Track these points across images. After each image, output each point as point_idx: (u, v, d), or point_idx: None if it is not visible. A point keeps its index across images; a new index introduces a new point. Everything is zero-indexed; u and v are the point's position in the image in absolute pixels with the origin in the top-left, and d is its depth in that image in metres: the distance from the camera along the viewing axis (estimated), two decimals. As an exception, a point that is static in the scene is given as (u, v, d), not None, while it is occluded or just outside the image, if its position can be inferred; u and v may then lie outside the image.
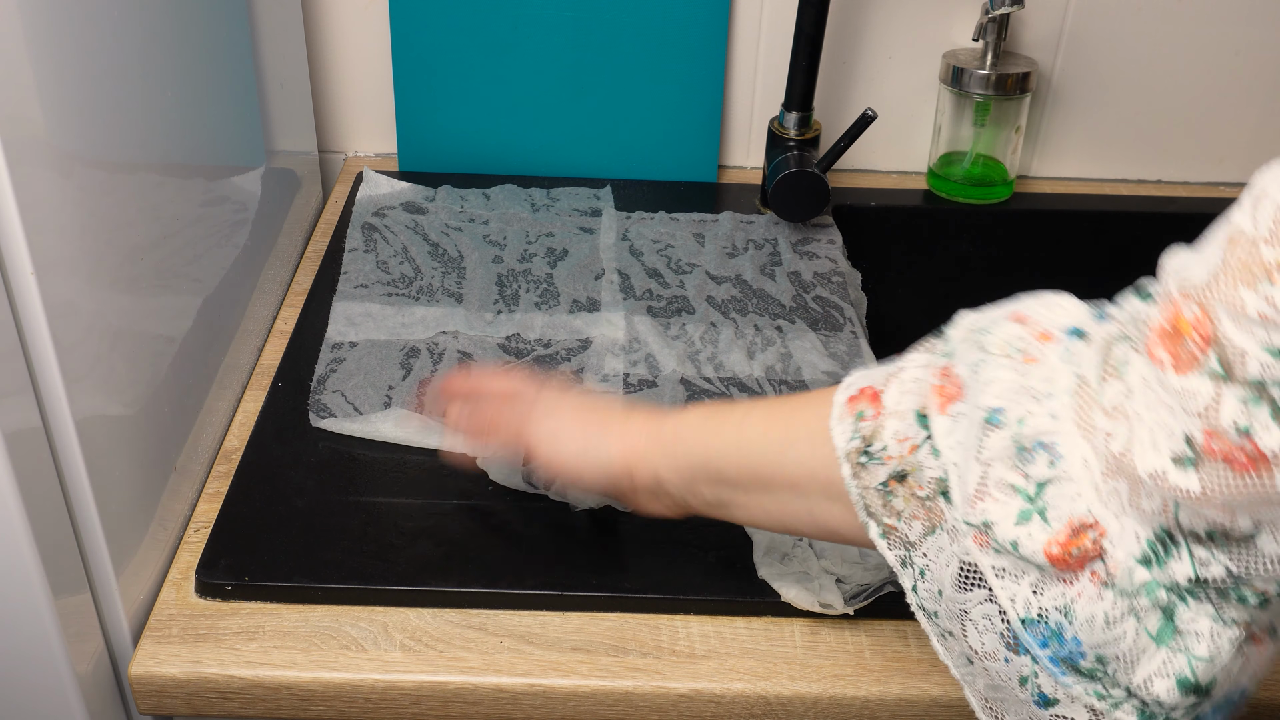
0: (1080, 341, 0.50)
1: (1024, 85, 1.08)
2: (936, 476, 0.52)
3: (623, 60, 1.10)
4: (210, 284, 0.84)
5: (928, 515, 0.53)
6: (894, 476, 0.54)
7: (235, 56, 0.91)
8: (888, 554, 0.55)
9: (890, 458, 0.54)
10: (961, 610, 0.51)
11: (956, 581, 0.51)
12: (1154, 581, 0.46)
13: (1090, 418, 0.47)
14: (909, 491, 0.53)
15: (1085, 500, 0.47)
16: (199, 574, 0.72)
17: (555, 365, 0.89)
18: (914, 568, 0.54)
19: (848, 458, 0.56)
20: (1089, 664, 0.48)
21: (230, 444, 0.84)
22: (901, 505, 0.54)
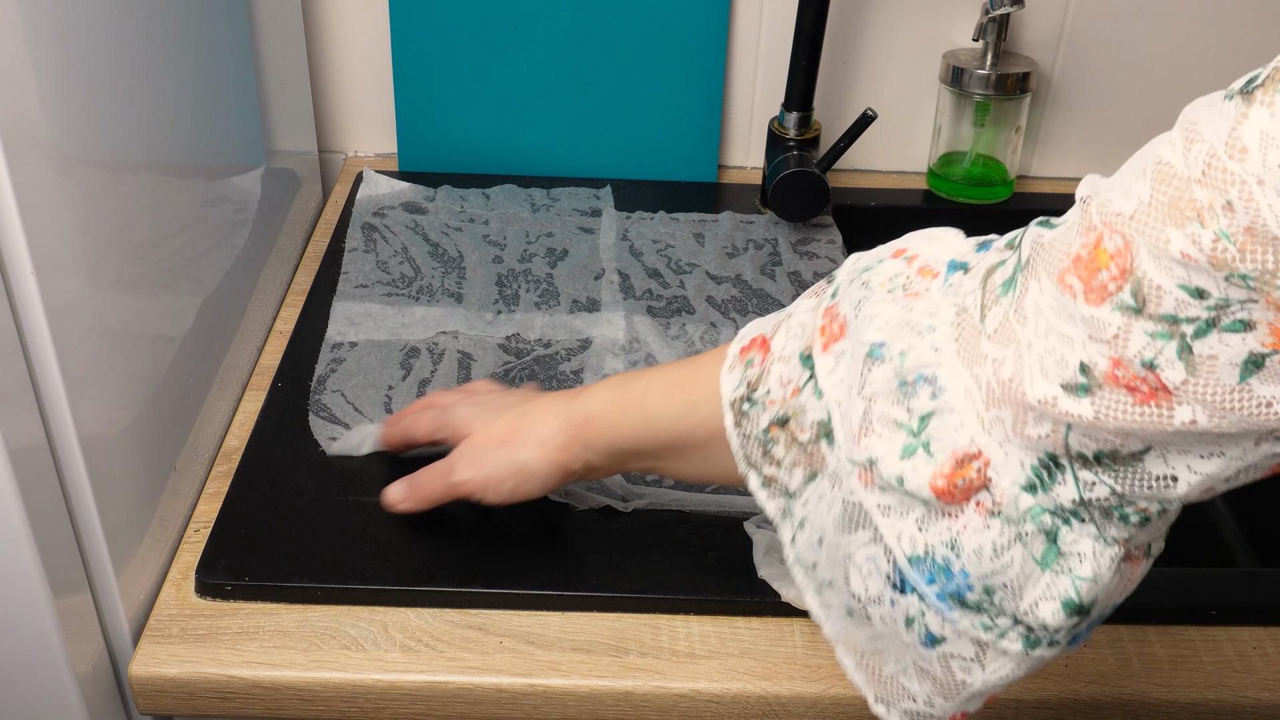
0: (961, 273, 0.49)
1: (1024, 85, 1.08)
2: (819, 419, 0.52)
3: (623, 60, 1.10)
4: (210, 284, 0.84)
5: (809, 461, 0.52)
6: (776, 421, 0.54)
7: (235, 56, 0.91)
8: (767, 505, 0.55)
9: (773, 402, 0.54)
10: (845, 555, 0.51)
11: (840, 524, 0.50)
12: (1038, 506, 0.46)
13: (975, 346, 0.47)
14: (790, 437, 0.53)
15: (968, 431, 0.46)
16: (199, 574, 0.72)
17: (555, 365, 0.89)
18: (793, 518, 0.53)
19: (731, 406, 0.56)
20: (976, 596, 0.48)
21: (230, 444, 0.84)
22: (782, 453, 0.53)
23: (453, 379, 0.87)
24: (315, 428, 0.81)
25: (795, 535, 0.54)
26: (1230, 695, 0.69)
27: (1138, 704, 0.69)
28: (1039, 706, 0.69)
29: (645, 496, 0.78)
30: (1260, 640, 0.71)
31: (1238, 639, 0.71)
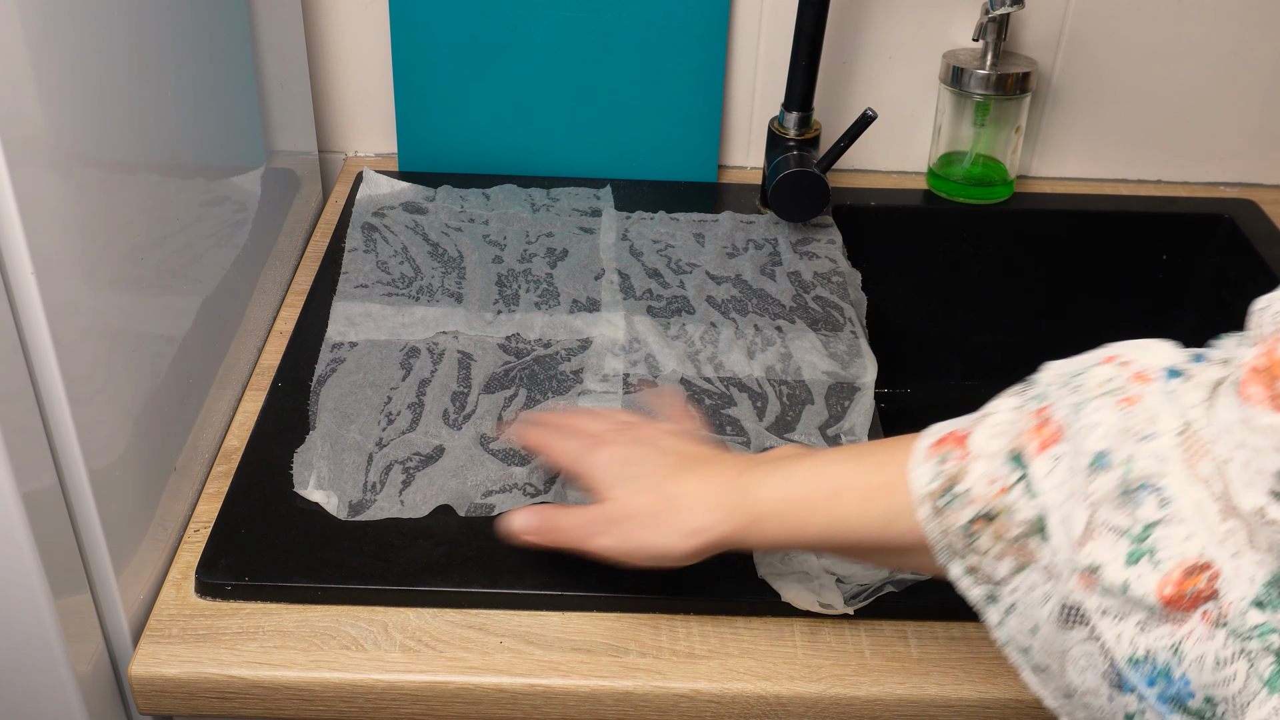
0: (1179, 381, 0.50)
1: (1024, 85, 1.08)
2: (1030, 518, 0.52)
3: (623, 60, 1.10)
4: (210, 284, 0.84)
5: (1018, 554, 0.53)
6: (980, 517, 0.54)
7: (235, 56, 0.91)
8: (971, 591, 0.55)
9: (975, 499, 0.54)
10: (1062, 649, 0.51)
11: (1056, 621, 0.51)
12: (1267, 624, 0.46)
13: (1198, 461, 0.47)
14: (995, 532, 0.53)
15: (1198, 541, 0.47)
16: (199, 574, 0.72)
17: (555, 365, 0.89)
18: (1000, 604, 0.54)
19: (928, 498, 0.56)
20: (1197, 704, 0.48)
21: (230, 444, 0.84)
22: (987, 544, 0.54)
23: (453, 379, 0.87)
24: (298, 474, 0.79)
25: (1004, 619, 0.54)
26: (1230, 695, 0.69)
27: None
28: (1039, 706, 0.68)
29: (645, 496, 0.78)
30: (1260, 640, 0.71)
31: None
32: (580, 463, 0.70)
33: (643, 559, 0.66)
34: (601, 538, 0.66)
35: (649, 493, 0.66)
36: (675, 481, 0.65)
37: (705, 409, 0.86)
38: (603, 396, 0.86)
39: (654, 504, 0.65)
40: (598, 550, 0.67)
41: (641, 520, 0.65)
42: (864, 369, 0.91)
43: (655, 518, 0.65)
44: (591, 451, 0.69)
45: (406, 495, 0.77)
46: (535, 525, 0.69)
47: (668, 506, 0.65)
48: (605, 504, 0.67)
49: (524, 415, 0.80)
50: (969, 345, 1.18)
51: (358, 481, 0.78)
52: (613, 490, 0.67)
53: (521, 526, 0.70)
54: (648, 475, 0.66)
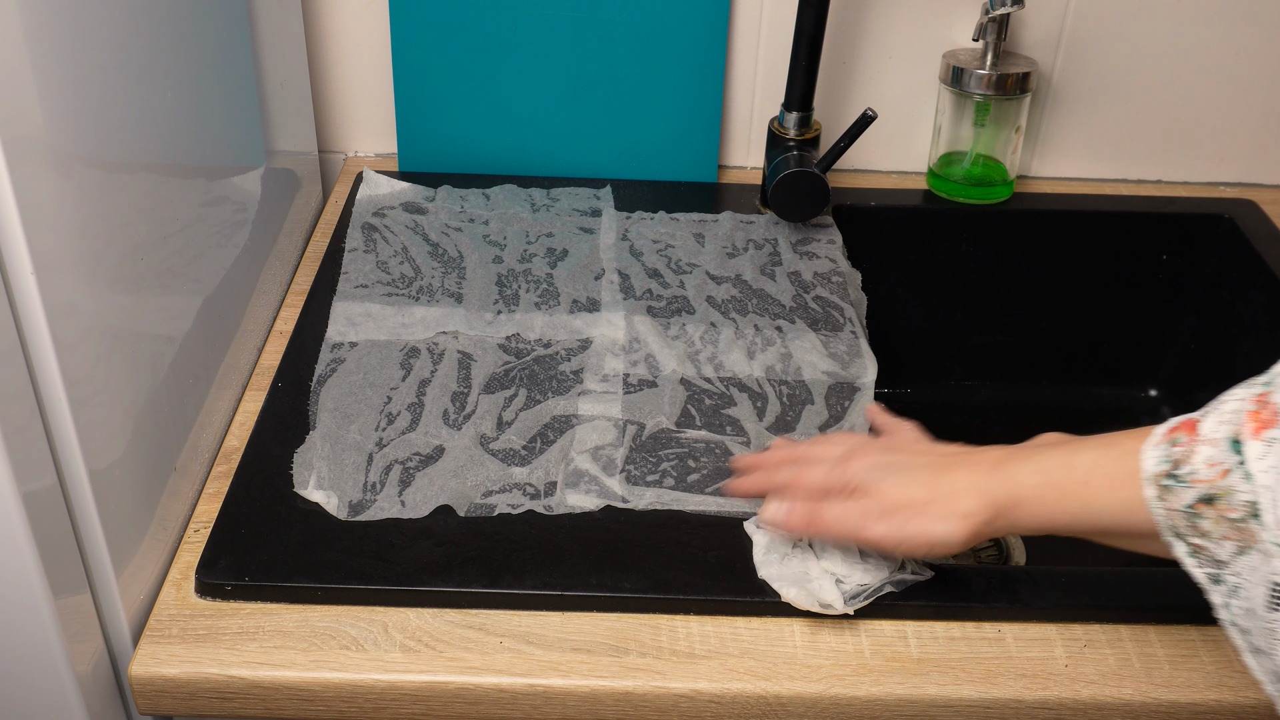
0: None
1: (1024, 85, 1.08)
2: (1248, 500, 0.53)
3: (623, 60, 1.10)
4: (210, 284, 0.84)
5: (1240, 536, 0.54)
6: (1202, 499, 0.56)
7: (235, 56, 0.91)
8: (1195, 571, 0.57)
9: (1198, 481, 0.56)
10: (1269, 629, 0.52)
11: (1268, 601, 0.52)
12: None
13: None
14: (1218, 514, 0.55)
15: None
16: (199, 574, 0.72)
17: (555, 365, 0.89)
18: (1225, 585, 0.55)
19: (1153, 480, 0.58)
20: None
21: (230, 444, 0.84)
22: (1210, 527, 0.56)
23: (453, 379, 0.87)
24: (298, 474, 0.79)
25: (1228, 601, 0.56)
26: (1230, 695, 0.69)
27: (1138, 704, 0.69)
28: (1039, 706, 0.69)
29: (646, 497, 0.78)
30: (1260, 640, 0.71)
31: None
32: (832, 476, 0.72)
33: (915, 546, 0.68)
34: (875, 527, 0.68)
35: (917, 485, 0.68)
36: (941, 474, 0.68)
37: (705, 409, 0.86)
38: (603, 397, 0.86)
39: (925, 495, 0.68)
40: (871, 540, 0.69)
41: (913, 510, 0.68)
42: (864, 369, 0.91)
43: (927, 507, 0.67)
44: (844, 464, 0.72)
45: (406, 495, 0.77)
46: (800, 514, 0.71)
47: (938, 496, 0.67)
48: (874, 497, 0.69)
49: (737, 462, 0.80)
50: (969, 345, 1.18)
51: (358, 481, 0.78)
52: (880, 486, 0.69)
53: (779, 517, 0.72)
54: (912, 471, 0.69)
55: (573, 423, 0.84)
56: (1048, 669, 0.70)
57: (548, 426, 0.83)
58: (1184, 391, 1.17)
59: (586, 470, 0.80)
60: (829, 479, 0.72)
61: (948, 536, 0.66)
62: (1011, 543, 1.03)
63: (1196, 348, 1.15)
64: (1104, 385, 1.20)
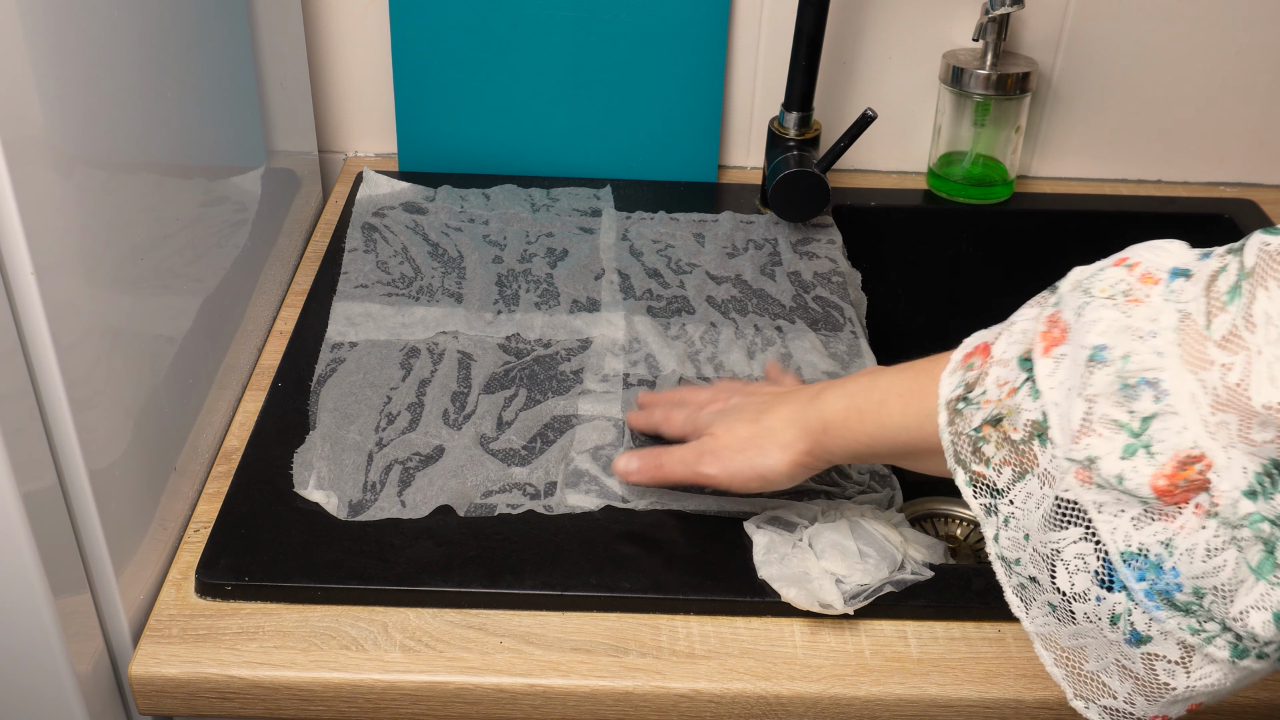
0: (1183, 280, 0.51)
1: (1024, 85, 1.08)
2: (1034, 419, 0.53)
3: (623, 60, 1.10)
4: (210, 284, 0.84)
5: (1019, 460, 0.54)
6: (988, 420, 0.56)
7: (235, 56, 0.91)
8: (972, 501, 0.57)
9: (988, 401, 0.56)
10: (1053, 550, 0.52)
11: (1050, 521, 0.52)
12: (1258, 514, 0.47)
13: (1201, 352, 0.48)
14: (1001, 435, 0.55)
15: (1192, 433, 0.48)
16: (199, 574, 0.72)
17: (555, 365, 0.89)
18: (998, 515, 0.55)
19: (946, 405, 0.58)
20: (1185, 597, 0.49)
21: (230, 444, 0.84)
22: (992, 451, 0.55)
23: (453, 379, 0.87)
24: (298, 474, 0.79)
25: (998, 533, 0.55)
26: (1229, 695, 0.68)
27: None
28: (1039, 706, 0.69)
29: (646, 497, 0.78)
30: (1260, 640, 0.71)
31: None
32: (689, 422, 0.77)
33: (745, 481, 0.72)
34: (707, 466, 0.73)
35: (746, 425, 0.72)
36: (766, 412, 0.72)
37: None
38: (603, 396, 0.86)
39: (751, 434, 0.72)
40: (704, 478, 0.73)
41: (740, 447, 0.72)
42: (864, 369, 0.90)
43: (751, 442, 0.71)
44: (699, 410, 0.77)
45: (406, 495, 0.77)
46: (640, 465, 0.76)
47: (761, 432, 0.71)
48: (707, 439, 0.74)
49: (642, 398, 0.85)
50: (969, 345, 1.18)
51: (357, 481, 0.78)
52: (716, 428, 0.74)
53: (625, 468, 0.77)
54: (744, 411, 0.74)
55: (573, 423, 0.84)
56: (1043, 668, 0.69)
57: (548, 426, 0.83)
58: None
59: (586, 470, 0.79)
60: (685, 424, 0.78)
61: (770, 469, 0.70)
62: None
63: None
64: (1104, 385, 1.20)
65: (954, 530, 1.05)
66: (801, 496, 0.78)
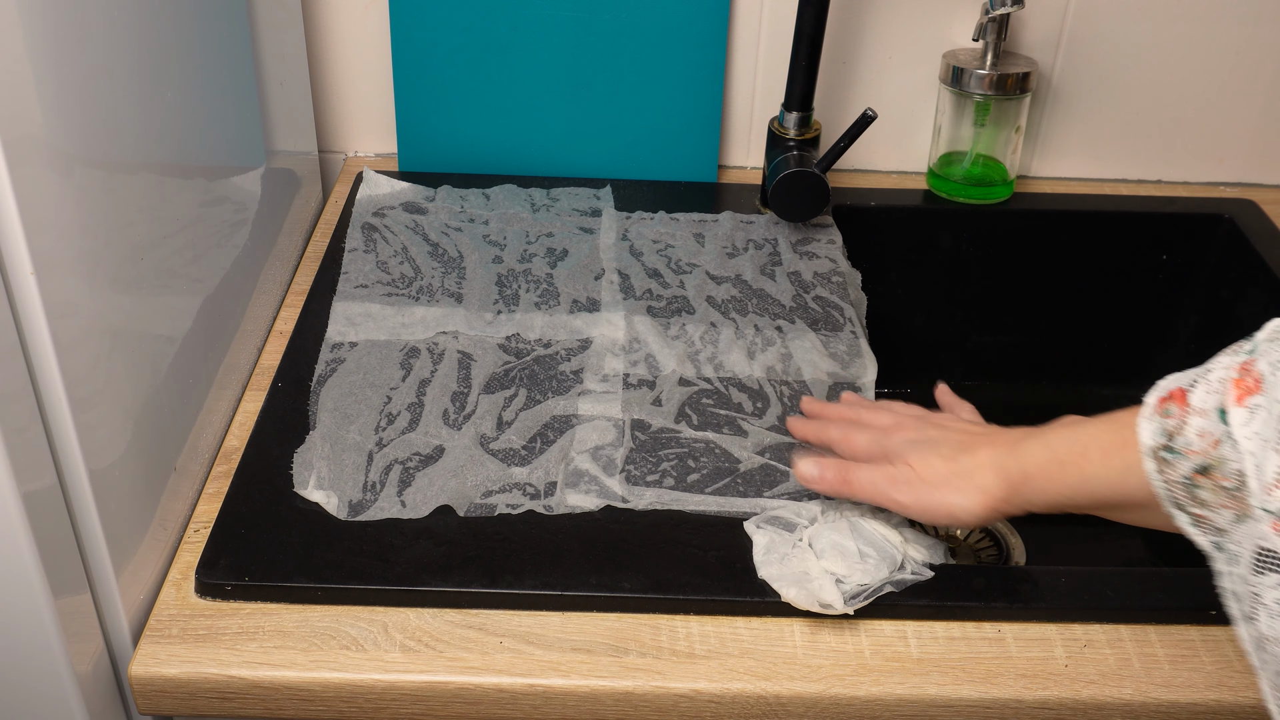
0: None
1: (1024, 85, 1.08)
2: (1239, 469, 0.55)
3: (623, 60, 1.10)
4: (210, 284, 0.84)
5: (1236, 504, 0.56)
6: (1197, 470, 0.57)
7: (235, 56, 0.91)
8: (1200, 540, 0.58)
9: (1193, 452, 0.57)
10: (1254, 594, 0.53)
11: (1252, 566, 0.53)
12: None
13: None
14: (1214, 484, 0.57)
15: None
16: (199, 574, 0.72)
17: (555, 365, 0.89)
18: (1226, 553, 0.56)
19: (1152, 453, 0.60)
20: None
21: (230, 444, 0.84)
22: (1208, 496, 0.57)
23: (453, 379, 0.87)
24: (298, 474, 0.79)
25: (1229, 570, 0.57)
26: (1230, 695, 0.69)
27: (1138, 704, 0.69)
28: (1039, 706, 0.69)
29: (646, 497, 0.78)
30: (1260, 640, 0.71)
31: (1238, 639, 0.71)
32: (874, 444, 0.76)
33: (936, 516, 0.71)
34: (900, 494, 0.72)
35: (945, 462, 0.72)
36: (965, 451, 0.72)
37: (705, 409, 0.86)
38: (603, 397, 0.86)
39: (948, 471, 0.72)
40: (894, 504, 0.72)
41: (936, 483, 0.71)
42: (864, 369, 0.91)
43: (948, 480, 0.71)
44: (887, 434, 0.76)
45: (406, 495, 0.77)
46: (829, 476, 0.75)
47: (959, 472, 0.71)
48: (902, 468, 0.73)
49: (807, 405, 0.85)
50: (969, 345, 1.18)
51: (357, 481, 0.78)
52: (911, 458, 0.73)
53: (809, 474, 0.76)
54: (941, 446, 0.73)
55: (573, 423, 0.84)
56: (1048, 669, 0.70)
57: (548, 426, 0.83)
58: (1184, 391, 1.17)
59: (586, 470, 0.80)
60: (871, 446, 0.76)
61: (964, 510, 0.70)
62: (1012, 542, 1.03)
63: (1197, 347, 1.15)
64: (1104, 385, 1.20)
65: (954, 530, 1.05)
66: (801, 497, 0.78)
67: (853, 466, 0.75)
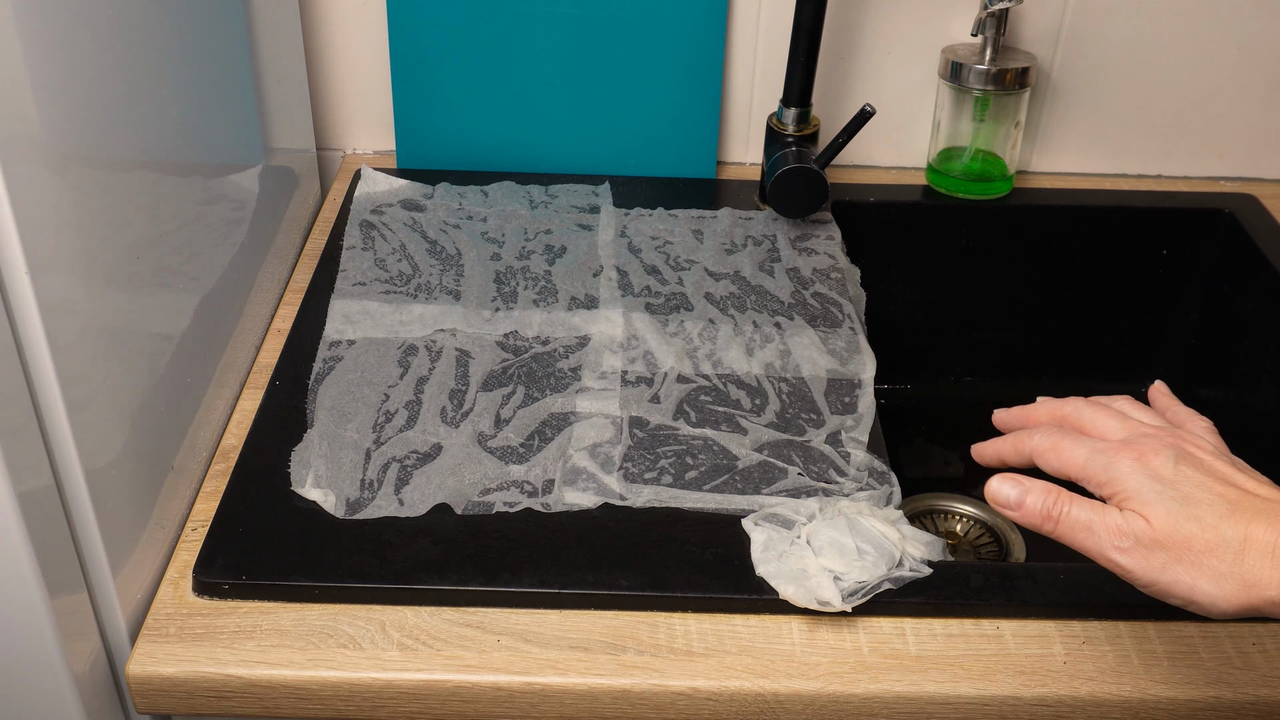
0: None
1: (1023, 80, 1.07)
2: None
3: (621, 56, 1.10)
4: (208, 282, 0.83)
5: None
6: None
7: (232, 53, 0.90)
8: None
9: None
10: None
11: None
12: None
13: None
14: None
15: None
16: (196, 573, 0.72)
17: (553, 363, 0.89)
18: None
19: None
20: None
21: (228, 442, 0.84)
22: None
23: (450, 377, 0.87)
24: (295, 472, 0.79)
25: None
26: (1229, 692, 0.68)
27: (1136, 701, 0.68)
28: (1037, 704, 0.69)
29: (644, 494, 0.78)
30: (1260, 636, 0.71)
31: (1237, 635, 0.71)
32: (1094, 464, 0.59)
33: (1170, 596, 0.56)
34: (1126, 555, 0.57)
35: (1198, 525, 0.55)
36: (1235, 520, 0.55)
37: (703, 406, 0.85)
38: (600, 394, 0.86)
39: (1205, 539, 0.55)
40: (1116, 567, 0.58)
41: (1182, 554, 0.55)
42: (863, 365, 0.90)
43: (1203, 556, 0.55)
44: (1115, 455, 0.59)
45: (404, 494, 0.77)
46: (1034, 506, 0.60)
47: (1222, 547, 0.55)
48: (1136, 520, 0.57)
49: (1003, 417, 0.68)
50: (969, 341, 1.18)
51: (355, 480, 0.78)
52: (1149, 508, 0.57)
53: (1008, 498, 0.60)
54: (1197, 503, 0.56)
55: (570, 420, 0.83)
56: (1046, 666, 0.69)
57: (545, 424, 0.83)
58: (1185, 387, 1.17)
59: (584, 468, 0.79)
60: (1089, 465, 0.60)
61: (1215, 601, 0.55)
62: (1011, 539, 1.03)
63: (1197, 343, 1.15)
64: (1104, 381, 1.19)
65: (953, 526, 1.04)
66: (799, 494, 0.78)
67: (1065, 497, 0.59)
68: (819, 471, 0.80)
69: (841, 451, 0.82)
